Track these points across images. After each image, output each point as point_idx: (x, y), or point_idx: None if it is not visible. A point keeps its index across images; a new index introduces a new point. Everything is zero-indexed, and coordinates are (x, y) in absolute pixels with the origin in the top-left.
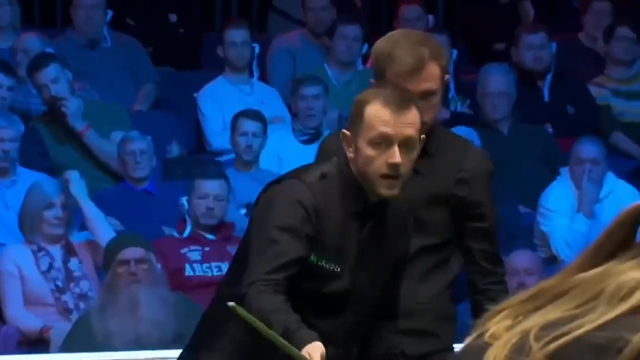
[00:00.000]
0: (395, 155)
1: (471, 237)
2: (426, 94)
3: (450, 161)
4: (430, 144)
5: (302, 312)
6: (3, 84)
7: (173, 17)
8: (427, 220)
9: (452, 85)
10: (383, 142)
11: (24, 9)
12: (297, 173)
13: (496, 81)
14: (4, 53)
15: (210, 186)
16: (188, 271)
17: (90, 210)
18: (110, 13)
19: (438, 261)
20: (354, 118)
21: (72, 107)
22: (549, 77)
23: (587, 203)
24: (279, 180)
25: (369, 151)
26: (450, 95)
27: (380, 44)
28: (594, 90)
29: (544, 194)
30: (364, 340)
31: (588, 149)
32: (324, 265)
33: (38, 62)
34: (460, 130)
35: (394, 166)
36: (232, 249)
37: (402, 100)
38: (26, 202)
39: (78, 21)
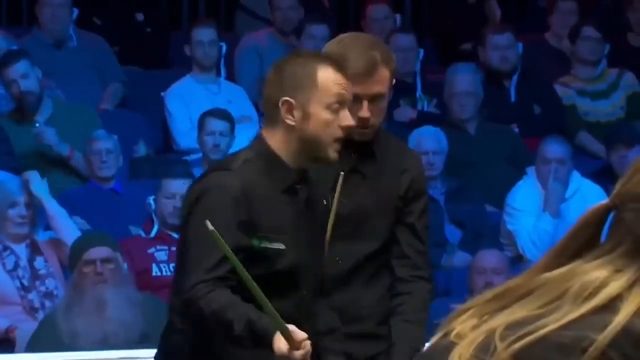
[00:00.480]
0: (348, 118)
1: (402, 232)
2: (376, 97)
3: (393, 162)
4: (376, 147)
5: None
6: None
7: (140, 16)
8: (374, 226)
9: (418, 85)
10: (340, 106)
11: None
12: (220, 164)
13: (463, 81)
14: None
15: (178, 186)
16: (155, 271)
17: (53, 209)
18: (76, 11)
19: (380, 265)
20: (299, 84)
21: (50, 135)
22: (515, 77)
23: (553, 202)
24: (204, 174)
25: (326, 115)
26: (417, 95)
27: (331, 46)
28: (560, 90)
29: (511, 194)
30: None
31: (554, 148)
32: (267, 246)
33: (7, 58)
34: (427, 130)
35: (348, 128)
36: None
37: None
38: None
39: (44, 19)
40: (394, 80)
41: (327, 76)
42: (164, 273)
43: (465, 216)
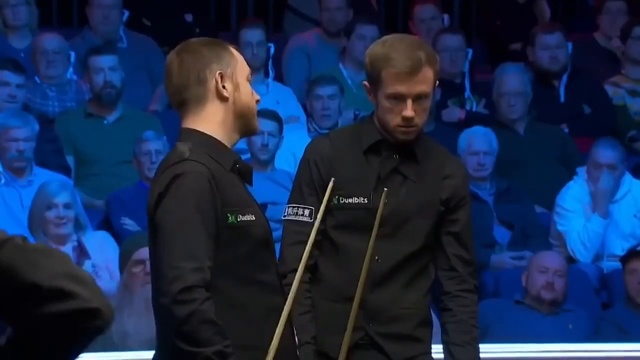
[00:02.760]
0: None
1: (447, 242)
2: (420, 97)
3: (436, 167)
4: (418, 151)
5: (247, 274)
6: (12, 82)
7: (189, 17)
8: (414, 228)
9: (467, 85)
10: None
11: (41, 9)
12: (171, 159)
13: (512, 81)
14: (19, 53)
15: None
16: None
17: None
18: (126, 13)
19: (421, 267)
20: (224, 57)
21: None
22: (565, 77)
23: (602, 203)
24: (167, 170)
25: (248, 86)
26: (465, 95)
27: (375, 47)
28: (610, 90)
29: (561, 194)
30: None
31: (606, 154)
32: (241, 219)
33: (100, 48)
34: (478, 130)
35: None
36: None
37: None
38: (33, 202)
39: (95, 21)
40: (438, 82)
41: (236, 50)
42: None
43: (514, 217)
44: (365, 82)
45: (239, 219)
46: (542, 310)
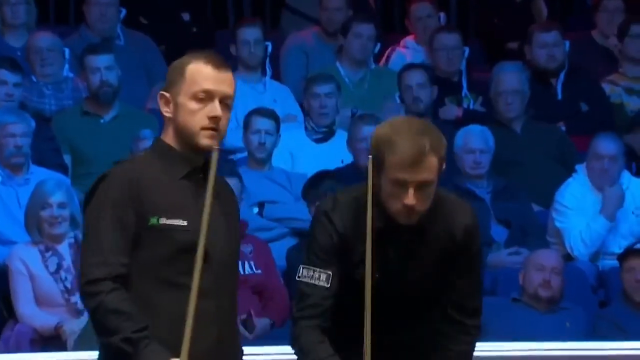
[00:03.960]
0: (217, 109)
1: (452, 286)
2: (423, 185)
3: (442, 231)
4: (428, 227)
5: (167, 276)
6: (9, 81)
7: (186, 16)
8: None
9: (464, 83)
10: (205, 96)
11: (39, 8)
12: (121, 160)
13: (510, 79)
14: (16, 51)
15: None
16: None
17: None
18: (123, 11)
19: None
20: (173, 78)
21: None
22: (562, 75)
23: (611, 207)
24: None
25: (192, 105)
26: (462, 93)
27: (382, 129)
28: (607, 88)
29: (560, 191)
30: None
31: (607, 145)
32: (166, 222)
33: (96, 48)
34: (474, 129)
35: (214, 119)
36: (245, 248)
37: (221, 60)
38: (28, 201)
39: (92, 19)
40: (444, 165)
41: (195, 69)
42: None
43: (511, 215)
44: (371, 159)
45: (161, 222)
46: (540, 309)
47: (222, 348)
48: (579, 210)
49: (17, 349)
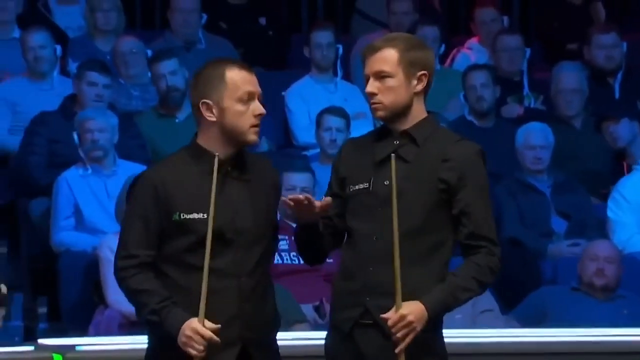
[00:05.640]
0: (261, 107)
1: (457, 220)
2: (378, 74)
3: (436, 150)
4: (418, 135)
5: (193, 262)
6: (99, 83)
7: (262, 21)
8: (410, 206)
9: (525, 83)
10: (249, 97)
11: (126, 14)
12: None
13: (570, 78)
14: (105, 55)
15: (298, 179)
16: (276, 259)
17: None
18: (204, 17)
19: (427, 247)
20: (213, 86)
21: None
22: (619, 75)
23: None
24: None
25: (239, 107)
26: (524, 92)
27: None
28: None
29: (622, 181)
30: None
31: None
32: (187, 217)
33: (159, 55)
34: (534, 126)
35: (260, 116)
36: None
37: (247, 64)
38: (120, 193)
39: (175, 24)
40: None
41: (234, 75)
42: (285, 261)
43: (570, 208)
44: None
45: (182, 217)
46: (597, 297)
47: (243, 322)
48: (636, 205)
49: (107, 333)
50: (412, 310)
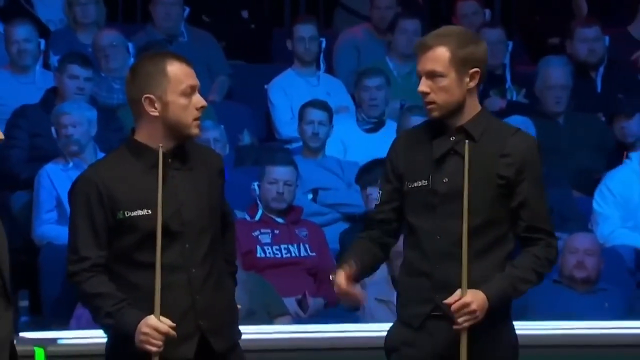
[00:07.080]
0: (203, 100)
1: (516, 214)
2: (430, 74)
3: (494, 143)
4: (474, 130)
5: (141, 258)
6: (80, 76)
7: (245, 14)
8: (471, 204)
9: (508, 76)
10: (191, 91)
11: (108, 7)
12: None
13: (558, 74)
14: (87, 48)
15: (280, 172)
16: (259, 253)
17: None
18: (187, 10)
19: (489, 241)
20: (154, 81)
21: None
22: (601, 68)
23: None
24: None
25: (182, 100)
26: (506, 86)
27: None
28: None
29: (611, 174)
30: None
31: None
32: (132, 215)
33: (151, 46)
34: (516, 120)
35: (202, 109)
36: (300, 232)
37: (185, 56)
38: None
39: (157, 17)
40: (473, 64)
41: (176, 69)
42: (267, 255)
43: (552, 201)
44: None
45: (126, 215)
46: (578, 289)
47: (198, 313)
48: (621, 199)
49: (89, 326)
50: (476, 298)
